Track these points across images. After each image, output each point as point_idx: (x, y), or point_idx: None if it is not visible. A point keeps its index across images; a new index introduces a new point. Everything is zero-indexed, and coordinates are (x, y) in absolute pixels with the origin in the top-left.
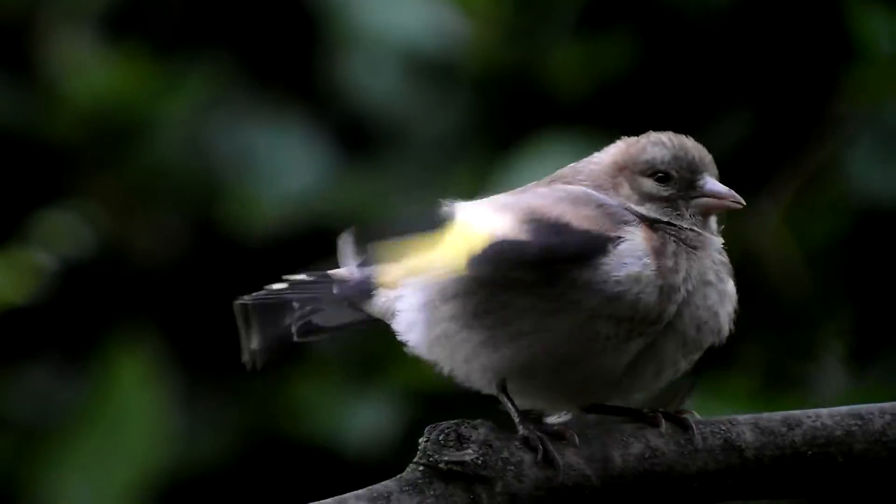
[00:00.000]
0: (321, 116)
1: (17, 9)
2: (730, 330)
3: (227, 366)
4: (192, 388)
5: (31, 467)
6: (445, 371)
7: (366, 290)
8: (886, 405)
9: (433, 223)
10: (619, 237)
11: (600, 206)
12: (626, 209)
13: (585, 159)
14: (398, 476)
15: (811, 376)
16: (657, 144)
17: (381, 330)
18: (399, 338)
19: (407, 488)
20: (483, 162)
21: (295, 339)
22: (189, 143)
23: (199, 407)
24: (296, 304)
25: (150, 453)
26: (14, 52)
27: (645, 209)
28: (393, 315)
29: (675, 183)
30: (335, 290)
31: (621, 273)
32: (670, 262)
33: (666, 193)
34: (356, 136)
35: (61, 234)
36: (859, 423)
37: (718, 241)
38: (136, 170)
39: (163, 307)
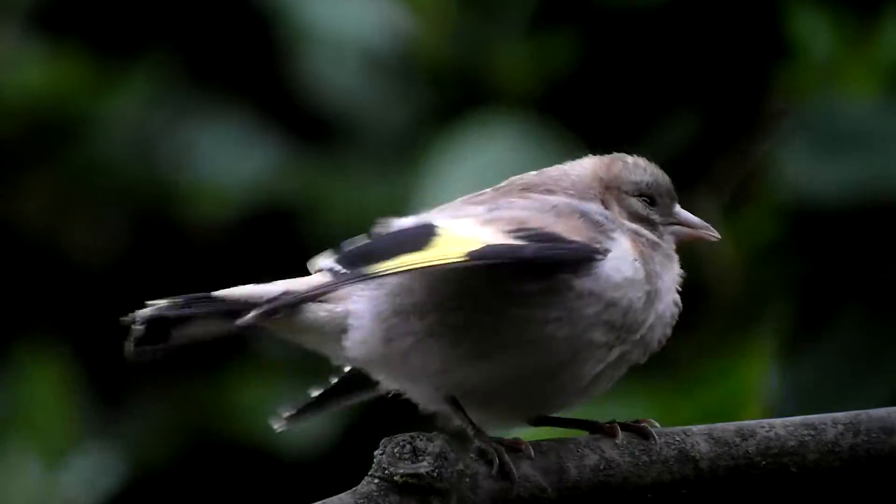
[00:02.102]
0: (272, 112)
1: None
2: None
3: (163, 366)
4: (126, 389)
5: None
6: (388, 383)
7: (290, 304)
8: (839, 415)
9: (419, 240)
10: (609, 243)
11: (584, 216)
12: (609, 219)
13: (556, 169)
14: (353, 489)
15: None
16: (638, 167)
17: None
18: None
19: (362, 501)
20: (438, 155)
21: (131, 348)
22: (131, 140)
23: (135, 409)
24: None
25: (65, 461)
26: None
27: (637, 227)
28: (338, 331)
29: (659, 207)
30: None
31: (619, 277)
32: (657, 268)
33: (652, 216)
34: (311, 131)
35: None
36: (812, 433)
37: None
38: (72, 166)
39: (95, 305)
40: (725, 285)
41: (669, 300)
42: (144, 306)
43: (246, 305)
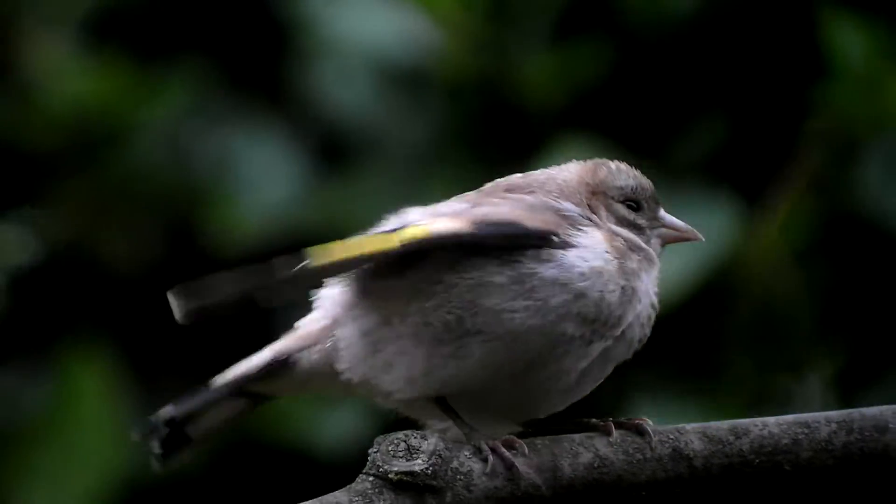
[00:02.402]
0: (297, 125)
1: None
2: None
3: (198, 369)
4: (161, 391)
5: None
6: (384, 398)
7: (280, 365)
8: (832, 413)
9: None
10: (577, 234)
11: (558, 211)
12: (584, 216)
13: (542, 173)
14: (347, 486)
15: (795, 394)
16: (622, 172)
17: None
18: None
19: (356, 498)
20: (458, 171)
21: (158, 458)
22: (166, 149)
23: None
24: (163, 420)
25: (109, 459)
26: None
27: (622, 230)
28: (333, 363)
29: (644, 211)
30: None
31: (585, 267)
32: (634, 265)
33: (639, 220)
34: (331, 146)
35: (8, 245)
36: (806, 431)
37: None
38: (111, 175)
39: (133, 312)
40: (783, 304)
41: (647, 302)
42: (148, 422)
43: (246, 380)
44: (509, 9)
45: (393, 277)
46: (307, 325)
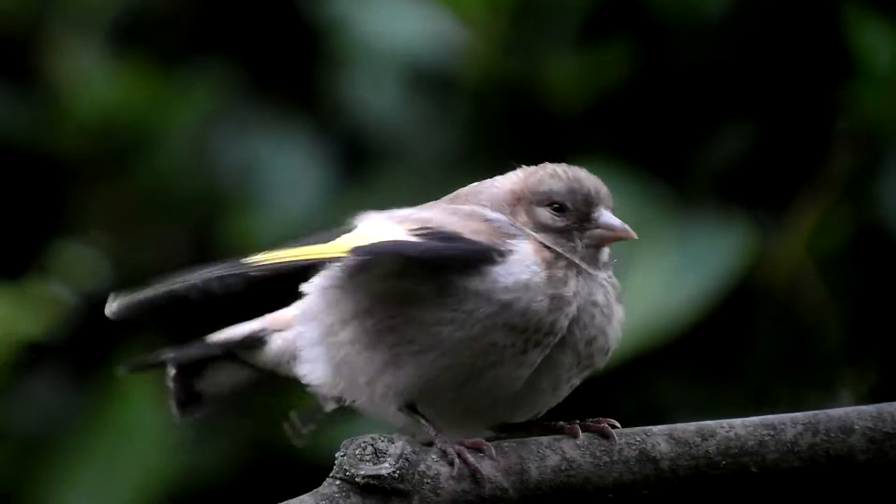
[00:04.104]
0: (323, 129)
1: (23, 21)
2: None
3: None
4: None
5: (36, 479)
6: (349, 402)
7: (256, 339)
8: (798, 415)
9: (324, 239)
10: (508, 247)
11: (488, 220)
12: (515, 227)
13: (488, 181)
14: (314, 490)
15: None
16: (553, 177)
17: None
18: (302, 381)
19: (323, 502)
20: (483, 176)
21: (177, 414)
22: (193, 155)
23: (205, 420)
24: (170, 371)
25: (156, 465)
26: (20, 65)
27: (540, 238)
28: (293, 356)
29: (571, 214)
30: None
31: (509, 280)
32: (560, 273)
33: (561, 224)
34: (357, 151)
35: (80, 268)
36: (772, 433)
37: (607, 272)
38: (140, 182)
39: (166, 320)
40: (812, 317)
41: (582, 302)
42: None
43: (230, 343)
44: (536, 11)
45: (339, 285)
46: (285, 310)
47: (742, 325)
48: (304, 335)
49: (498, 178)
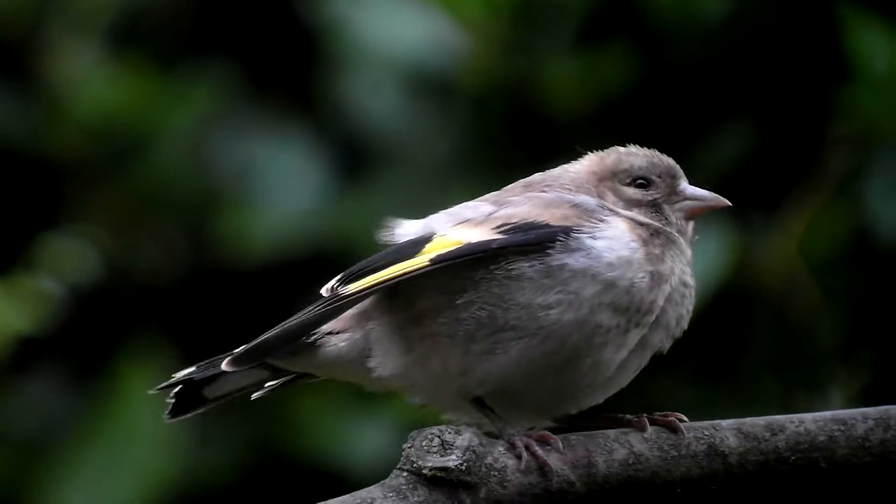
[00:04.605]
0: (322, 132)
1: (21, 23)
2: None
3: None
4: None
5: (35, 481)
6: (419, 396)
7: (306, 345)
8: (870, 410)
9: (411, 252)
10: (601, 227)
11: (575, 205)
12: (604, 207)
13: (559, 168)
14: (381, 482)
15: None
16: (631, 154)
17: None
18: (373, 373)
19: (390, 494)
20: (481, 179)
21: (169, 415)
22: (191, 157)
23: (205, 422)
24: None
25: (156, 468)
26: (19, 66)
27: (632, 214)
28: (359, 355)
29: (657, 187)
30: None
31: (612, 256)
32: (657, 251)
33: (651, 198)
34: (356, 154)
35: (68, 261)
36: (842, 428)
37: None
38: (138, 183)
39: (166, 323)
40: (802, 315)
41: (677, 282)
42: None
43: (263, 353)
44: (536, 14)
45: (420, 276)
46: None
47: (735, 326)
48: (379, 328)
49: (568, 164)
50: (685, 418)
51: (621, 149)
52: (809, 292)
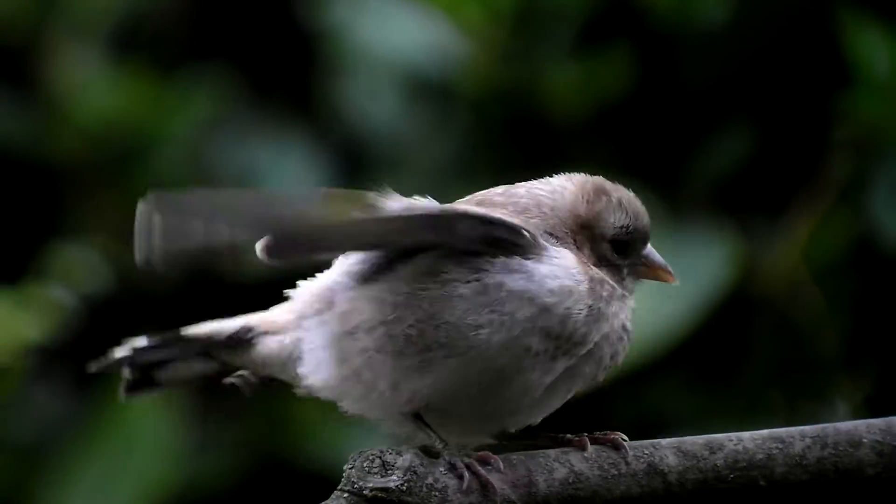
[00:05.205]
0: (322, 137)
1: (22, 29)
2: None
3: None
4: (198, 408)
5: (36, 487)
6: (351, 407)
7: (242, 341)
8: (807, 428)
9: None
10: (550, 251)
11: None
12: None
13: (532, 191)
14: (321, 503)
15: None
16: (619, 210)
17: None
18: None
19: None
20: (481, 184)
21: (123, 396)
22: (192, 162)
23: (205, 427)
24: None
25: (157, 473)
26: (20, 71)
27: (602, 274)
28: (289, 359)
29: (629, 252)
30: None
31: (555, 284)
32: (605, 293)
33: (619, 263)
34: (355, 159)
35: (78, 270)
36: (780, 446)
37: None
38: (139, 188)
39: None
40: (806, 324)
41: (617, 325)
42: (121, 345)
43: (210, 342)
44: (535, 20)
45: (359, 287)
46: (276, 312)
47: (738, 333)
48: (310, 339)
49: (551, 187)
50: (626, 438)
51: (612, 194)
52: (813, 299)
